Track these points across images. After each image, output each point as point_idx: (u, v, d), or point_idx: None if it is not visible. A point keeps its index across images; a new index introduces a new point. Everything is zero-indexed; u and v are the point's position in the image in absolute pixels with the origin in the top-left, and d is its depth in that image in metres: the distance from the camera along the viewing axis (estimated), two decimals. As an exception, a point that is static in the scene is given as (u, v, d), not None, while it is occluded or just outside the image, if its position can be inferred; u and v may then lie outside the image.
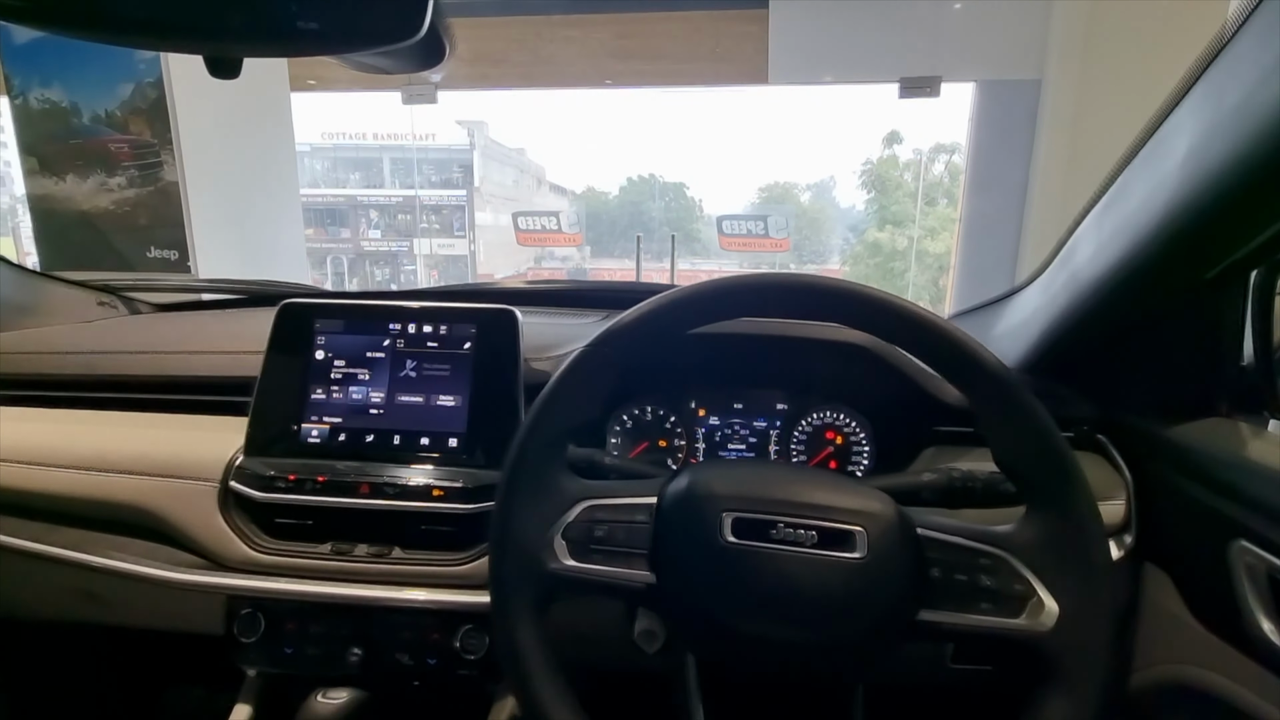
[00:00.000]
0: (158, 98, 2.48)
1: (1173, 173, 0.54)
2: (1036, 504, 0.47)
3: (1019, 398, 0.46)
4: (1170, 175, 0.55)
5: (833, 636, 0.44)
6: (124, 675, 1.05)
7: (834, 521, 0.45)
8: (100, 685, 1.03)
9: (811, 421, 0.84)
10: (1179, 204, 0.54)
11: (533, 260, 13.92)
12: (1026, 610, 0.44)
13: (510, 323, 0.73)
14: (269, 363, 0.74)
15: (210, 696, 1.04)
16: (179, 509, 0.71)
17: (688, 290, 0.51)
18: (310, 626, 0.69)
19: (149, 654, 1.05)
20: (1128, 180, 0.62)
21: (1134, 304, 0.63)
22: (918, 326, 0.48)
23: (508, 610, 0.46)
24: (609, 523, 0.49)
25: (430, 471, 0.69)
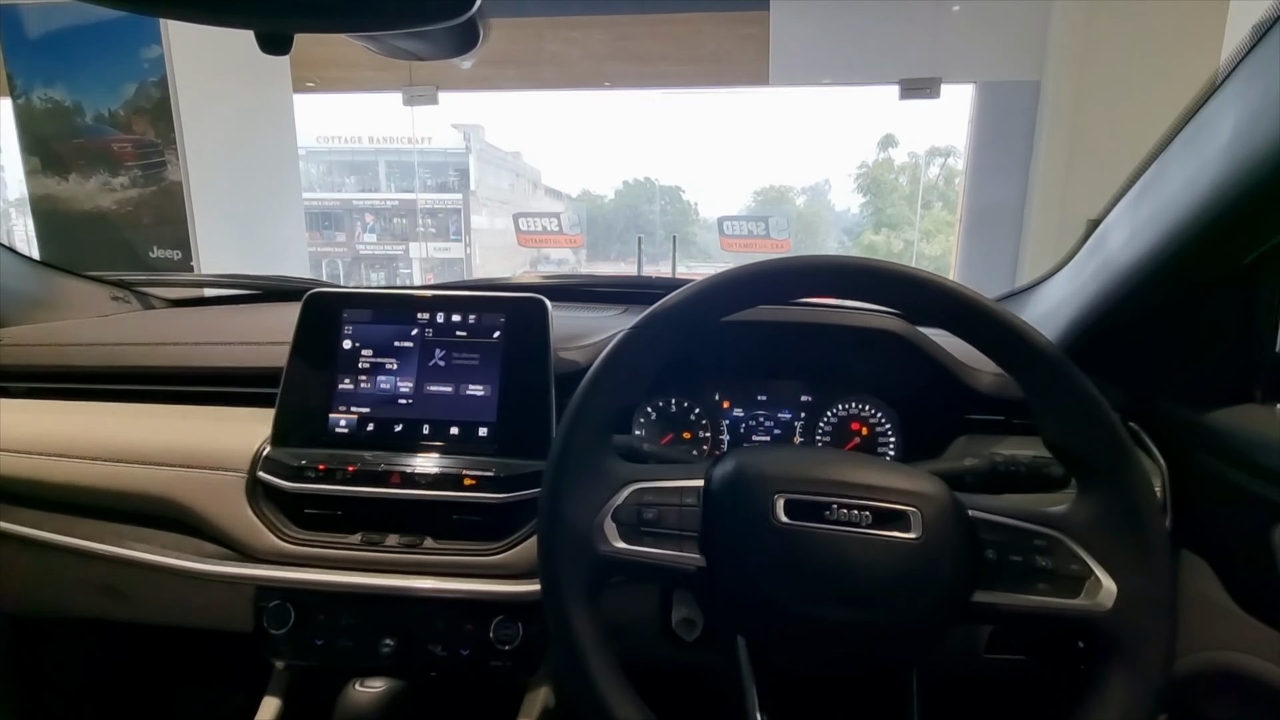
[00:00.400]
0: (162, 97, 2.47)
1: (1215, 156, 0.54)
2: (1090, 483, 0.46)
3: (1072, 377, 0.46)
4: (1213, 159, 0.55)
5: (890, 618, 0.43)
6: (146, 672, 1.04)
7: (888, 502, 0.45)
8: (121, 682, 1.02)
9: (836, 412, 0.84)
10: (1222, 186, 0.54)
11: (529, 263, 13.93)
12: (1084, 590, 0.44)
13: (540, 311, 0.72)
14: (296, 353, 0.73)
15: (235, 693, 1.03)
16: (206, 499, 0.70)
17: (735, 272, 0.50)
18: (341, 617, 0.68)
19: (172, 650, 1.04)
20: (1165, 165, 0.62)
21: (1170, 289, 0.63)
22: (967, 308, 0.48)
23: (561, 593, 0.45)
24: (658, 505, 0.48)
25: (461, 461, 0.68)
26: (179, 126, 2.52)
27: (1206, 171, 0.56)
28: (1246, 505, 0.59)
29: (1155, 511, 0.44)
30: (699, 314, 0.51)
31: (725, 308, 0.51)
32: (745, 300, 0.50)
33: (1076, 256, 0.80)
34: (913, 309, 0.50)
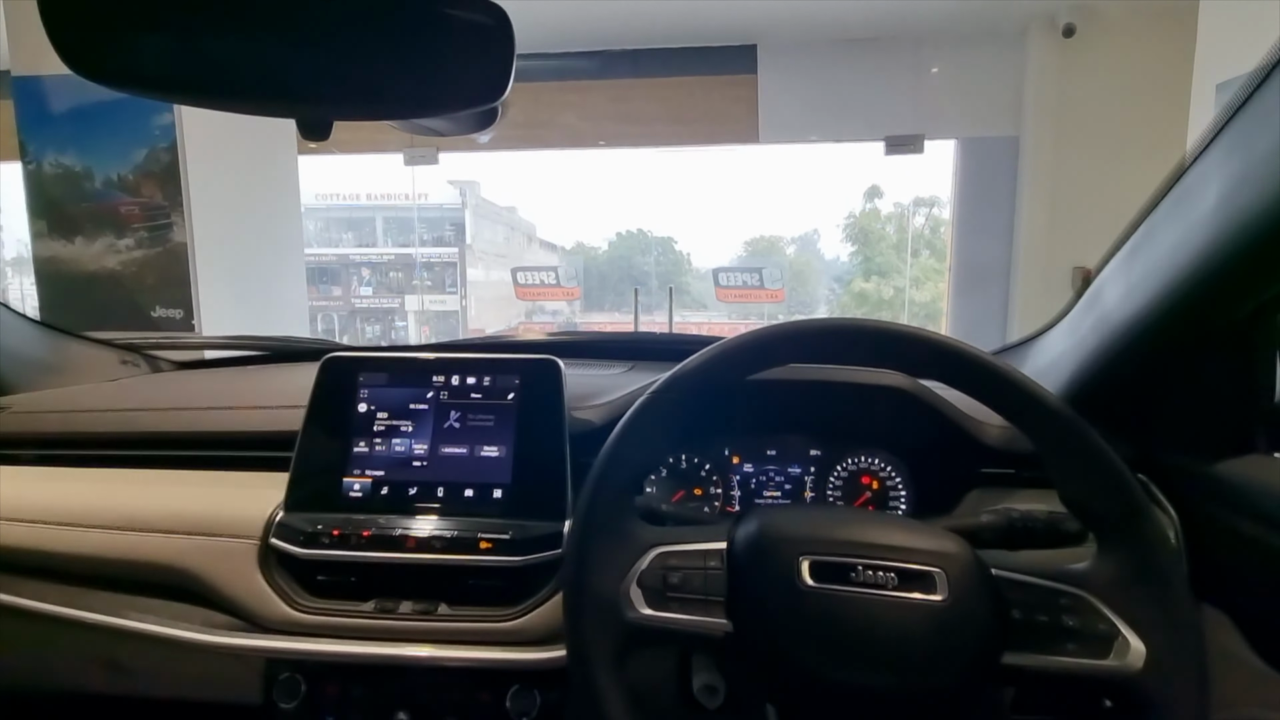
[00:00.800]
0: (170, 161, 2.53)
1: (1204, 216, 0.57)
2: (1110, 541, 0.47)
3: (1085, 435, 0.47)
4: (1202, 219, 0.57)
5: (920, 682, 0.43)
6: None
7: (913, 563, 0.45)
8: None
9: (846, 466, 0.84)
10: (1211, 246, 0.56)
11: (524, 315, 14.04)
12: (1114, 650, 0.44)
13: (554, 372, 0.74)
14: (312, 416, 0.74)
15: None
16: (216, 568, 0.69)
17: (751, 336, 0.52)
18: (353, 690, 0.66)
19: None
20: (1153, 227, 0.65)
21: (1168, 343, 0.65)
22: (978, 369, 0.50)
23: (589, 662, 0.45)
24: (683, 569, 0.48)
25: (476, 524, 0.68)
26: (186, 190, 2.57)
27: (1194, 234, 0.58)
28: (1263, 556, 0.59)
29: (1177, 567, 0.45)
30: (719, 377, 0.52)
31: (745, 370, 0.52)
32: (765, 363, 0.52)
33: (1074, 310, 0.82)
34: (929, 372, 0.52)
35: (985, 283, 4.18)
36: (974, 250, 4.31)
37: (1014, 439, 0.74)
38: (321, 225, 17.13)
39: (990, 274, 4.17)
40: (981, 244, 4.24)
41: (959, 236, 4.44)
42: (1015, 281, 4.05)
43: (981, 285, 4.22)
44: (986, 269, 4.18)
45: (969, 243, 4.36)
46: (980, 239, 4.26)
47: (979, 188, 4.29)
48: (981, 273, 4.22)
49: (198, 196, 2.61)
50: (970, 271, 4.33)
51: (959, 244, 4.43)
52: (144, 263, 2.61)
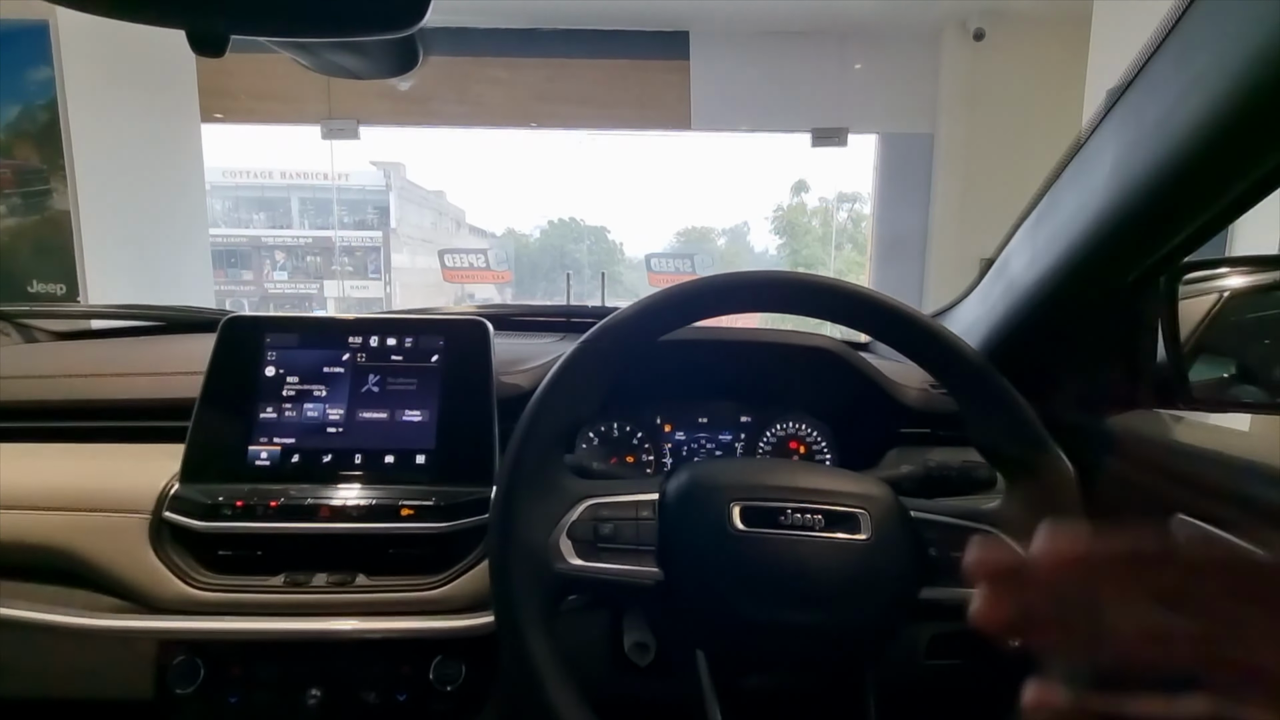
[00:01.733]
0: (49, 121, 2.28)
1: (1100, 183, 0.61)
2: (1017, 481, 0.50)
3: (998, 383, 0.50)
4: (1097, 186, 0.62)
5: (845, 618, 0.44)
6: None
7: (839, 505, 0.46)
8: None
9: (775, 432, 0.86)
10: (1105, 212, 0.61)
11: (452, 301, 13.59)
12: None
13: (481, 334, 0.71)
14: (211, 381, 0.68)
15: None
16: (100, 547, 0.62)
17: (683, 287, 0.52)
18: (259, 669, 0.62)
19: None
20: (1055, 196, 0.69)
21: (1068, 305, 0.70)
22: (902, 321, 0.51)
23: (516, 615, 0.43)
24: (614, 520, 0.47)
25: (397, 491, 0.65)
26: (69, 153, 2.32)
27: (1091, 201, 0.62)
28: (1146, 501, 0.65)
29: (1076, 502, 0.48)
30: (649, 327, 0.51)
31: (675, 321, 0.51)
32: (694, 313, 0.51)
33: (984, 281, 0.87)
34: (851, 322, 0.53)
35: (902, 273, 4.40)
36: (892, 242, 4.53)
37: (930, 400, 0.78)
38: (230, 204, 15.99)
39: (906, 264, 4.39)
40: (899, 236, 4.46)
41: (879, 228, 4.65)
42: (929, 270, 4.28)
43: (899, 266, 4.44)
44: (903, 259, 4.39)
45: (888, 235, 4.58)
46: (898, 231, 4.47)
47: (897, 182, 4.50)
48: (899, 263, 4.44)
49: (83, 161, 2.36)
50: (889, 262, 4.55)
51: (879, 235, 4.63)
52: (18, 232, 2.34)
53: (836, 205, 11.94)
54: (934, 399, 0.78)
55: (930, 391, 0.78)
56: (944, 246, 4.14)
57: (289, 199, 15.04)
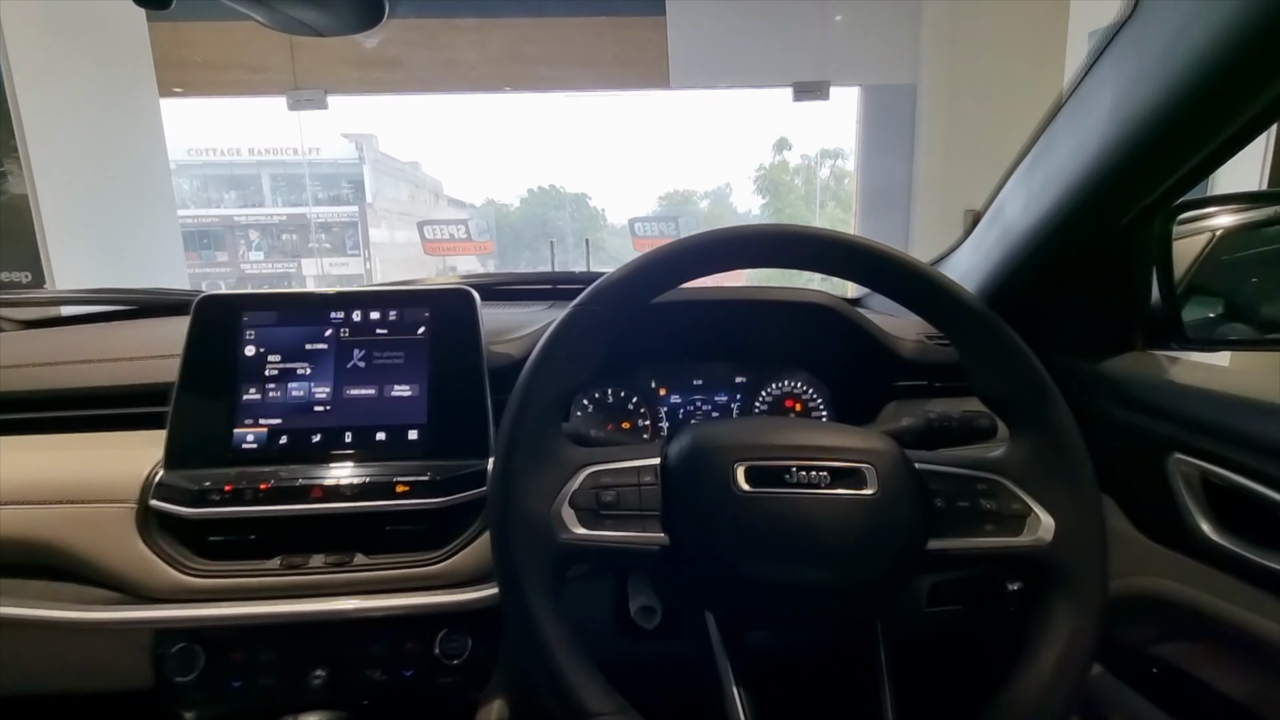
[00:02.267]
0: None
1: (1095, 126, 0.60)
2: (1021, 427, 0.49)
3: (1001, 331, 0.49)
4: (1093, 128, 0.60)
5: (854, 573, 0.44)
6: None
7: (844, 461, 0.46)
8: None
9: (771, 391, 0.85)
10: (1101, 153, 0.59)
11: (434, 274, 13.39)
12: (1026, 527, 0.46)
13: (468, 303, 0.69)
14: (188, 363, 0.65)
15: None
16: (86, 539, 0.61)
17: (676, 245, 0.50)
18: (261, 653, 0.61)
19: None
20: (1051, 138, 0.68)
21: (1064, 249, 0.69)
22: (902, 271, 0.50)
23: (522, 588, 0.43)
24: (616, 487, 0.46)
25: (390, 468, 0.63)
26: (20, 131, 2.22)
27: (1090, 139, 0.61)
28: (1142, 442, 0.65)
29: (1082, 448, 0.47)
30: (643, 287, 0.49)
31: (668, 280, 0.50)
32: (688, 271, 0.50)
33: (977, 229, 0.86)
34: (849, 274, 0.51)
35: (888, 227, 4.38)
36: (877, 196, 4.49)
37: (927, 351, 0.77)
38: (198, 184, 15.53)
39: (892, 219, 4.36)
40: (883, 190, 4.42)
41: (863, 183, 4.60)
42: (915, 223, 4.26)
43: (885, 219, 4.42)
44: (888, 213, 4.37)
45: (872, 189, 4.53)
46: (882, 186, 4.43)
47: (880, 135, 4.44)
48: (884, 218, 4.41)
49: (36, 139, 2.25)
50: (873, 217, 4.52)
51: (863, 190, 4.59)
52: (-26, 219, 2.26)
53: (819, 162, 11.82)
54: (930, 350, 0.77)
55: (926, 343, 0.77)
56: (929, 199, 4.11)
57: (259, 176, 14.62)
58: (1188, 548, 0.60)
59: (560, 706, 0.41)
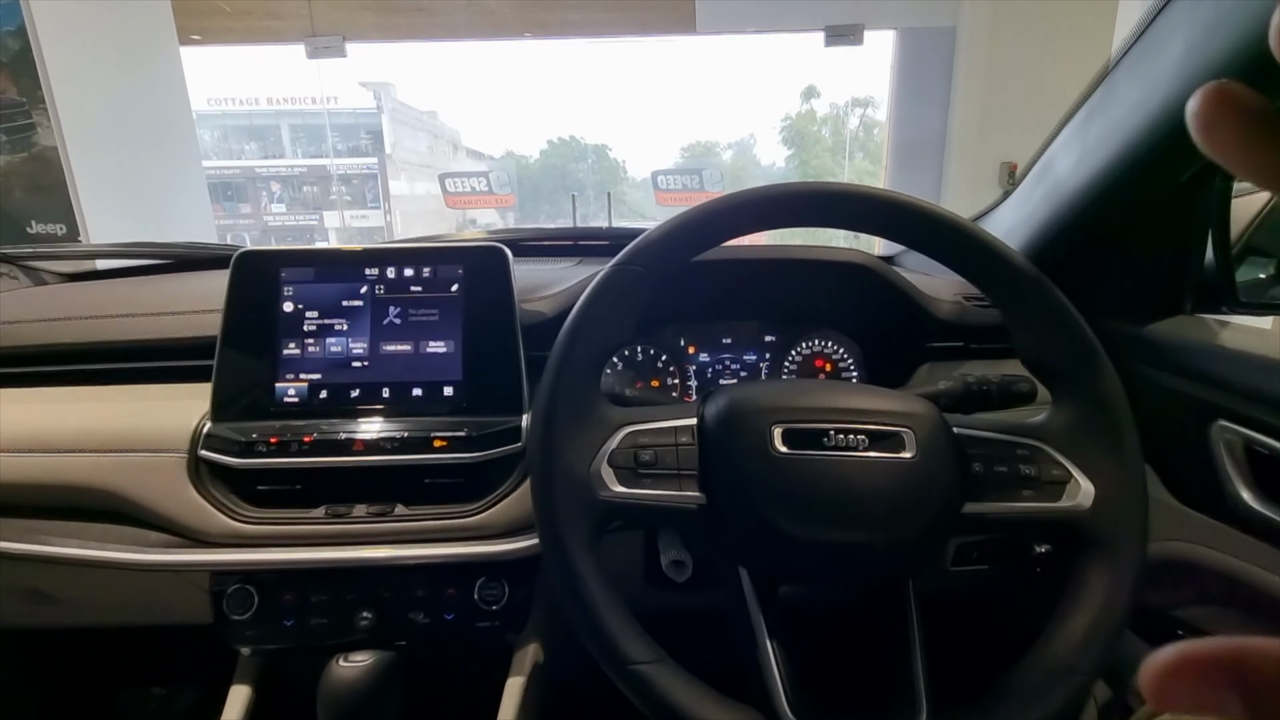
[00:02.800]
0: (21, 48, 2.15)
1: (1165, 74, 0.56)
2: (1065, 392, 0.48)
3: (1048, 291, 0.48)
4: (1162, 76, 0.56)
5: (890, 536, 0.44)
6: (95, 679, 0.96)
7: (883, 424, 0.46)
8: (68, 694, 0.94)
9: (801, 350, 0.85)
10: (1169, 103, 0.56)
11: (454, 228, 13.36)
12: (1065, 493, 0.46)
13: (501, 260, 0.69)
14: (230, 318, 0.67)
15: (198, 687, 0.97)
16: (142, 485, 0.63)
17: (717, 202, 0.49)
18: (311, 595, 0.64)
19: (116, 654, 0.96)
20: (1113, 86, 0.64)
21: (1117, 207, 0.66)
22: (947, 229, 0.48)
23: (564, 545, 0.44)
24: (653, 447, 0.47)
25: (427, 423, 0.65)
26: (46, 82, 2.22)
27: (1154, 92, 0.58)
28: (1185, 408, 0.64)
29: (1127, 414, 0.46)
30: (683, 246, 0.49)
31: (709, 239, 0.49)
32: (730, 230, 0.49)
33: (1022, 185, 0.82)
34: (893, 232, 0.50)
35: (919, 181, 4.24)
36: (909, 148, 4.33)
37: (965, 312, 0.76)
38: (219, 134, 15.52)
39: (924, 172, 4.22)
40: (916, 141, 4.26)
41: (895, 134, 4.43)
42: (947, 177, 4.12)
43: (915, 184, 4.27)
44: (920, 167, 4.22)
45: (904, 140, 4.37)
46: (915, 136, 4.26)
47: (916, 83, 4.25)
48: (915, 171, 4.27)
49: (62, 90, 2.26)
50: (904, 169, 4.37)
51: (894, 142, 4.43)
52: (8, 170, 2.28)
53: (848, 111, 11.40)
54: (968, 311, 0.75)
55: (965, 304, 0.76)
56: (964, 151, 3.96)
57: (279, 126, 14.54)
58: (1226, 515, 0.60)
59: (603, 656, 0.43)
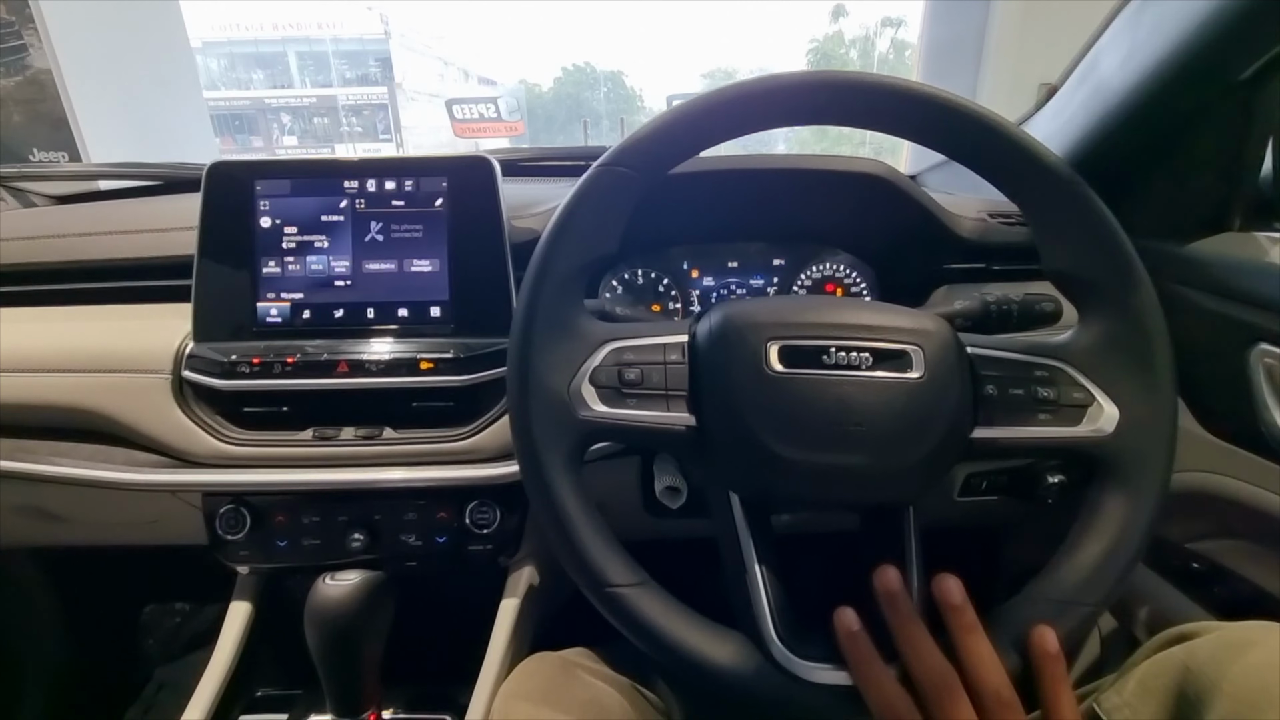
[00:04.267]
0: (4, -39, 2.05)
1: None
2: (1095, 308, 0.44)
3: (1086, 196, 0.42)
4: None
5: (892, 460, 0.41)
6: (93, 598, 0.99)
7: (889, 341, 0.42)
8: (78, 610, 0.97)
9: (810, 274, 0.80)
10: None
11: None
12: (1086, 417, 0.42)
13: (487, 172, 0.64)
14: (205, 235, 0.64)
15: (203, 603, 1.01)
16: (127, 406, 0.62)
17: (713, 94, 0.43)
18: (302, 517, 0.64)
19: (121, 571, 0.99)
20: (1172, -34, 0.56)
21: (1169, 109, 0.59)
22: (977, 125, 0.43)
23: (541, 465, 0.42)
24: (640, 365, 0.44)
25: (414, 345, 0.62)
26: (34, 0, 2.13)
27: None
28: (1221, 331, 0.59)
29: (1163, 333, 0.42)
30: (675, 145, 0.44)
31: (705, 136, 0.44)
32: (727, 126, 0.44)
33: (1061, 91, 0.75)
34: (915, 129, 0.45)
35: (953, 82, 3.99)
36: (941, 68, 4.06)
37: (988, 231, 0.70)
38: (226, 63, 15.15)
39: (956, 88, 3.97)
40: (949, 61, 3.99)
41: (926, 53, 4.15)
42: (981, 94, 3.88)
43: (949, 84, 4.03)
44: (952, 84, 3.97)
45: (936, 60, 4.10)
46: (949, 55, 3.99)
47: None
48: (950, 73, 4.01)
49: (50, 7, 2.17)
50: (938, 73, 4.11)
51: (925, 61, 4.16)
52: (4, 95, 2.22)
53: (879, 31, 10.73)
54: (992, 229, 0.70)
55: (989, 221, 0.70)
56: (1001, 69, 3.71)
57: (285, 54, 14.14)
58: (1259, 444, 0.56)
59: (582, 579, 0.42)
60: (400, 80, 12.55)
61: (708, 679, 0.40)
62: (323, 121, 13.35)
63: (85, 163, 2.19)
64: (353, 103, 13.20)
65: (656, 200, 0.50)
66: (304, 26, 12.76)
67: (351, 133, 12.97)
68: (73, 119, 2.25)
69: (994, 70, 3.67)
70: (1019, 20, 3.51)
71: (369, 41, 13.17)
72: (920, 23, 3.94)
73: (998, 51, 3.63)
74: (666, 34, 16.24)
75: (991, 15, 3.59)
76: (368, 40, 13.17)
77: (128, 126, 2.46)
